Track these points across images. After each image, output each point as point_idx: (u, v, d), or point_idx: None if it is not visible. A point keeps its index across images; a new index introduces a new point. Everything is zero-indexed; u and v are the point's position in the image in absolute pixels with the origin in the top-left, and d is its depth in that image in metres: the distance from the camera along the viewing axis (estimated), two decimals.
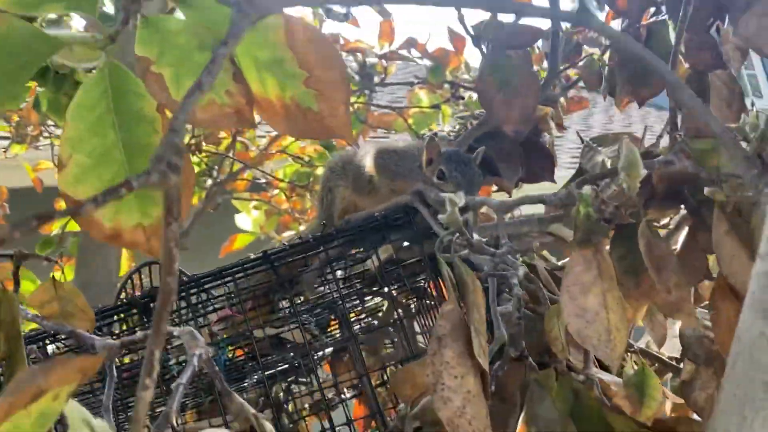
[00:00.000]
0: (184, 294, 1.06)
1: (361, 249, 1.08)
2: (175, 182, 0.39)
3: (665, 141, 0.96)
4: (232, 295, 1.04)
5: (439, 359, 0.60)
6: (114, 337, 1.06)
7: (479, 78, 1.08)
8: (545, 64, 1.26)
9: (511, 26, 1.04)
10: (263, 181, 2.74)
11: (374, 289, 1.20)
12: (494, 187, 1.47)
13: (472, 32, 1.12)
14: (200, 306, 1.10)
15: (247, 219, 2.74)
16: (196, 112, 0.66)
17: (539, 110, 1.32)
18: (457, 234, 0.67)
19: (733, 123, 0.79)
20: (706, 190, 0.55)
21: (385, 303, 1.31)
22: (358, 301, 1.29)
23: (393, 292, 1.21)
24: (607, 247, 0.73)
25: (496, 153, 1.23)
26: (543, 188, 1.14)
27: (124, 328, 1.10)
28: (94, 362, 0.40)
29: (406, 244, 1.10)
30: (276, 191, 2.71)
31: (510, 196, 1.32)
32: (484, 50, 1.11)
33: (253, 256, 1.03)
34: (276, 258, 1.00)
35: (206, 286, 1.05)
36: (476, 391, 0.59)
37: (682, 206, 0.79)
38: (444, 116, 2.53)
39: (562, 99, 1.45)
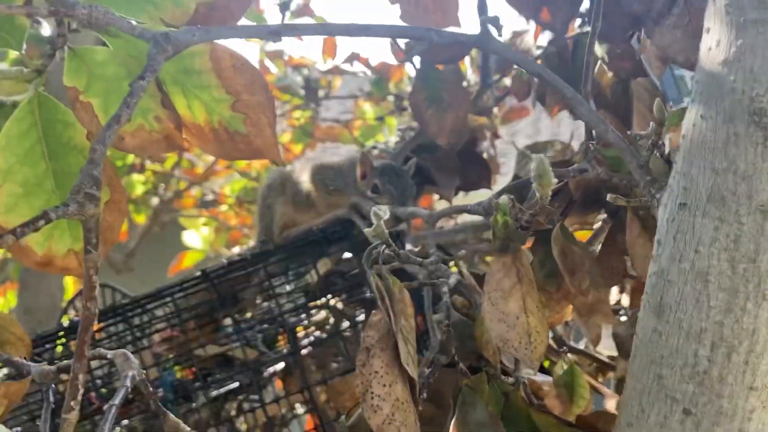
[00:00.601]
0: (125, 316, 1.06)
1: (302, 263, 1.10)
2: (93, 212, 0.41)
3: None
4: (173, 315, 1.05)
5: (368, 369, 0.62)
6: (53, 362, 1.05)
7: (412, 93, 1.12)
8: None
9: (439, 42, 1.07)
10: (211, 197, 2.73)
11: (318, 302, 1.21)
12: (436, 196, 1.50)
13: (403, 48, 1.15)
14: (140, 328, 1.10)
15: (196, 236, 2.72)
16: (125, 139, 0.67)
17: (474, 121, 1.36)
18: (385, 246, 0.69)
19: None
20: (608, 196, 0.58)
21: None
22: (303, 315, 1.30)
23: (339, 304, 1.23)
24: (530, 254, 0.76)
25: (433, 163, 1.26)
26: (486, 195, 1.18)
27: (66, 353, 1.10)
28: (18, 388, 0.41)
29: (347, 255, 1.12)
30: (224, 207, 2.70)
31: (450, 204, 1.35)
32: (416, 65, 1.14)
33: (193, 275, 1.04)
34: (215, 276, 1.01)
35: (147, 307, 1.06)
36: (405, 399, 0.62)
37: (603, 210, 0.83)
38: (390, 128, 2.57)
39: (496, 109, 1.50)
